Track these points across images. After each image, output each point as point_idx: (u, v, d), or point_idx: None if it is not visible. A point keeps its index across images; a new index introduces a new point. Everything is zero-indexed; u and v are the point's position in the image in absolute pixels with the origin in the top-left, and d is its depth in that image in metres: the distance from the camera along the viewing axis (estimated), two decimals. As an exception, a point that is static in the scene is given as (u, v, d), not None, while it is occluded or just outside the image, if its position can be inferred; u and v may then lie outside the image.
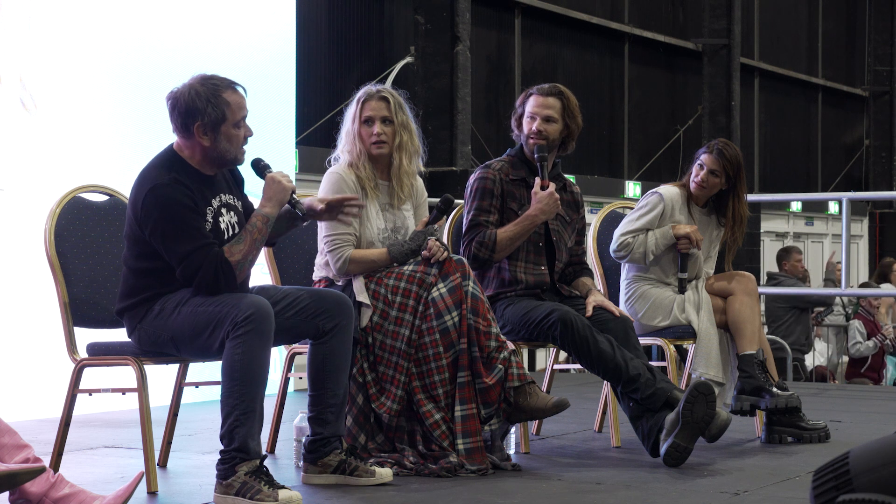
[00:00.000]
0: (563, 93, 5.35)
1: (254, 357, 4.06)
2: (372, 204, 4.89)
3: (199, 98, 4.22)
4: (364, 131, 4.90)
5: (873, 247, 23.06)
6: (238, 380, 4.05)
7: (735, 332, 5.56)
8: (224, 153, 4.28)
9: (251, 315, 4.05)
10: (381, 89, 4.96)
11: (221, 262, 4.16)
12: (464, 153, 13.59)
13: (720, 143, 5.66)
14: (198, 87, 4.24)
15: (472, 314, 4.70)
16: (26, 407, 6.20)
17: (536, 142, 5.26)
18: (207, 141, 4.25)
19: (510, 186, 5.28)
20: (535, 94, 5.33)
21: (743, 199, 5.68)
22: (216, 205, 4.31)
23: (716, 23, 18.80)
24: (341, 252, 4.80)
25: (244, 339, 4.04)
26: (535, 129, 5.26)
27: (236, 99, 4.27)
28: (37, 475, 3.61)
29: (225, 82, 4.28)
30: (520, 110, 5.36)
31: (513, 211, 5.26)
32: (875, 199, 22.98)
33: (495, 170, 5.29)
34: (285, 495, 3.97)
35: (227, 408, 4.06)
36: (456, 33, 13.48)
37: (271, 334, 4.11)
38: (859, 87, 23.78)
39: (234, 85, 4.30)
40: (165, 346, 4.31)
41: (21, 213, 6.36)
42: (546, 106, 5.30)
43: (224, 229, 4.31)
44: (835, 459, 2.91)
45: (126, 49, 6.95)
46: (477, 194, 5.26)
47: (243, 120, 4.30)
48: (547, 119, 5.28)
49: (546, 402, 4.70)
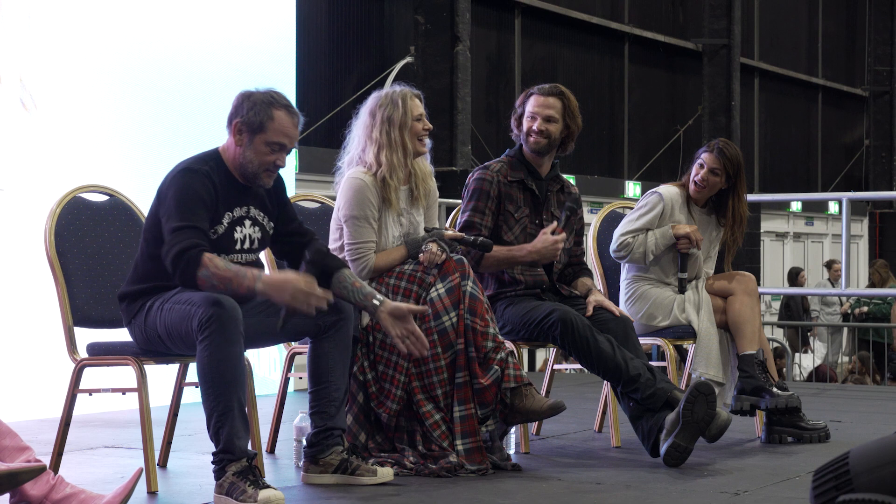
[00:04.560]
0: (564, 93, 5.34)
1: (222, 357, 4.03)
2: (390, 211, 4.87)
3: (249, 100, 4.23)
4: (416, 128, 4.88)
5: (873, 247, 23.06)
6: (210, 381, 4.03)
7: (735, 331, 5.55)
8: (247, 163, 4.24)
9: (213, 315, 4.02)
10: (410, 88, 4.94)
11: (191, 252, 4.05)
12: (464, 153, 13.60)
13: (720, 143, 5.66)
14: (258, 94, 4.24)
15: (469, 314, 4.69)
16: (26, 407, 6.20)
17: (537, 140, 5.25)
18: (239, 142, 4.23)
19: (508, 188, 5.26)
20: (536, 93, 5.32)
21: (743, 198, 5.68)
22: (238, 214, 4.29)
23: (716, 23, 18.81)
24: (366, 260, 4.80)
25: (209, 340, 4.02)
26: (536, 128, 5.26)
27: (283, 121, 4.22)
28: (38, 474, 3.61)
29: (284, 103, 4.25)
30: (520, 110, 5.34)
31: (510, 213, 5.24)
32: (875, 199, 23.00)
33: (493, 171, 5.28)
34: (265, 495, 3.95)
35: (206, 410, 4.07)
36: (456, 33, 13.49)
37: (238, 332, 4.06)
38: (859, 87, 23.78)
39: (290, 110, 4.25)
40: (157, 343, 4.32)
41: (21, 213, 6.35)
42: (547, 106, 5.29)
43: (238, 239, 4.29)
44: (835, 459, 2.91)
45: (126, 49, 6.95)
46: (473, 195, 5.25)
47: (280, 147, 4.23)
48: (548, 119, 5.27)
49: (542, 405, 4.70)
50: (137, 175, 6.80)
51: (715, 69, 18.81)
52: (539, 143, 5.25)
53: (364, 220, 4.80)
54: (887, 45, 23.59)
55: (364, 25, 13.64)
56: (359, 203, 4.80)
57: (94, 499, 3.75)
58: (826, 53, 22.85)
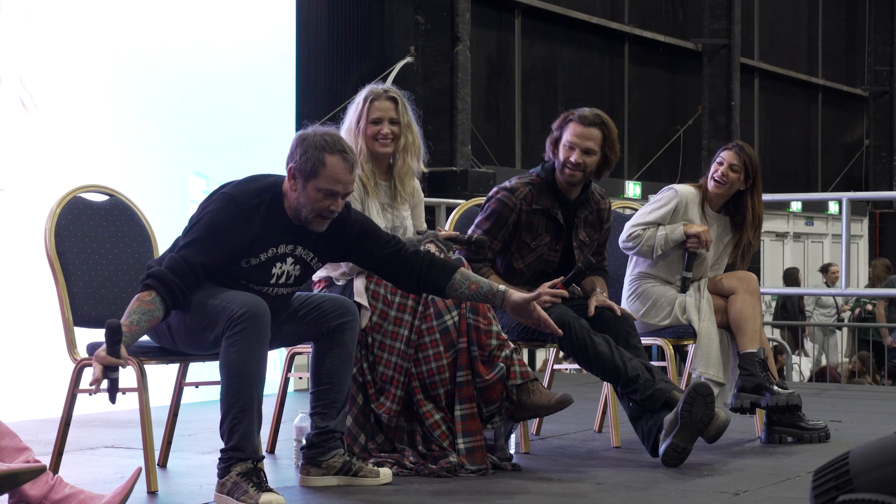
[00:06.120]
0: (605, 123, 5.12)
1: (249, 356, 4.05)
2: (373, 203, 4.89)
3: (303, 144, 4.18)
4: (370, 130, 4.89)
5: (873, 247, 23.06)
6: (234, 378, 4.05)
7: (736, 330, 5.56)
8: (300, 207, 4.19)
9: (246, 313, 4.04)
10: (389, 89, 4.96)
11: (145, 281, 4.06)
12: (464, 153, 13.59)
13: (739, 142, 5.71)
14: (313, 137, 4.18)
15: (471, 313, 4.69)
16: (26, 407, 6.20)
17: (573, 173, 5.08)
18: (293, 187, 4.19)
19: (530, 217, 5.14)
20: (576, 121, 5.10)
21: (761, 200, 5.68)
22: (282, 251, 4.25)
23: (716, 23, 18.81)
24: None
25: (239, 337, 4.04)
26: (574, 160, 5.07)
27: (335, 167, 4.15)
28: (38, 475, 3.61)
29: (338, 147, 4.16)
30: (556, 133, 5.15)
31: (525, 243, 5.16)
32: (875, 199, 23.01)
33: (518, 198, 5.11)
34: (266, 499, 3.95)
35: (224, 406, 4.07)
36: (456, 33, 13.49)
37: (267, 333, 4.10)
38: (859, 87, 23.79)
39: (345, 156, 4.17)
40: (163, 337, 4.31)
41: (21, 213, 6.35)
42: (587, 137, 5.08)
43: (275, 274, 4.26)
44: (835, 459, 2.91)
45: (126, 49, 6.95)
46: (491, 216, 5.14)
47: (334, 195, 4.17)
48: (586, 151, 5.07)
49: (549, 399, 4.69)
50: (137, 175, 6.80)
51: (715, 69, 18.81)
52: (574, 177, 5.11)
53: None
54: (887, 45, 23.60)
55: (364, 25, 13.64)
56: None
57: (94, 499, 3.75)
58: (826, 53, 22.86)
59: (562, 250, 5.21)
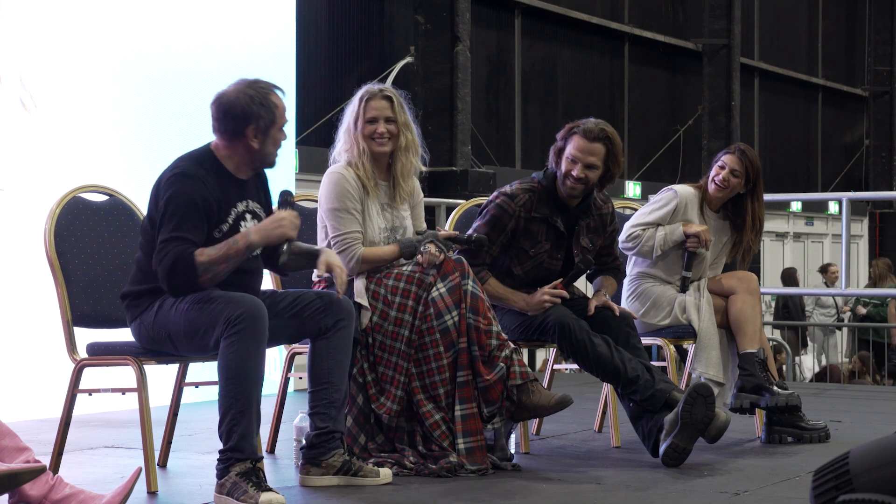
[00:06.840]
0: (610, 137, 5.07)
1: (248, 356, 4.07)
2: (373, 203, 4.89)
3: (252, 102, 4.27)
4: (367, 130, 4.89)
5: (873, 247, 23.06)
6: (233, 379, 4.06)
7: (736, 330, 5.56)
8: (268, 156, 4.35)
9: (243, 314, 4.07)
10: (384, 88, 4.96)
11: (184, 258, 4.14)
12: (464, 153, 13.59)
13: (741, 145, 5.70)
14: (249, 91, 4.29)
15: (471, 313, 4.69)
16: (26, 407, 6.20)
17: (574, 186, 5.06)
18: (258, 143, 4.30)
19: (529, 224, 5.12)
20: (580, 134, 5.06)
21: (762, 203, 5.68)
22: (241, 209, 4.35)
23: (716, 23, 18.81)
24: (353, 251, 4.80)
25: (237, 337, 4.06)
26: (576, 175, 5.04)
27: (281, 103, 4.35)
28: (38, 475, 3.61)
29: (269, 86, 4.35)
30: (560, 144, 5.11)
31: (524, 250, 5.15)
32: (875, 199, 23.00)
33: (517, 205, 5.10)
34: (266, 498, 3.97)
35: (222, 407, 4.09)
36: (456, 33, 13.49)
37: (265, 333, 4.11)
38: (859, 87, 23.78)
39: (276, 89, 4.36)
40: (163, 343, 4.32)
41: (21, 213, 6.35)
42: (590, 152, 5.04)
43: None
44: (835, 459, 2.91)
45: (126, 49, 6.95)
46: (490, 222, 5.13)
47: (286, 123, 4.38)
48: (589, 166, 5.05)
49: (549, 400, 4.69)
50: (137, 175, 6.79)
51: (715, 69, 18.81)
52: (575, 189, 5.08)
53: (345, 212, 4.81)
54: (887, 45, 23.60)
55: (364, 25, 13.64)
56: (338, 195, 4.81)
57: (94, 499, 3.76)
58: (826, 53, 22.85)
59: (563, 259, 5.20)
